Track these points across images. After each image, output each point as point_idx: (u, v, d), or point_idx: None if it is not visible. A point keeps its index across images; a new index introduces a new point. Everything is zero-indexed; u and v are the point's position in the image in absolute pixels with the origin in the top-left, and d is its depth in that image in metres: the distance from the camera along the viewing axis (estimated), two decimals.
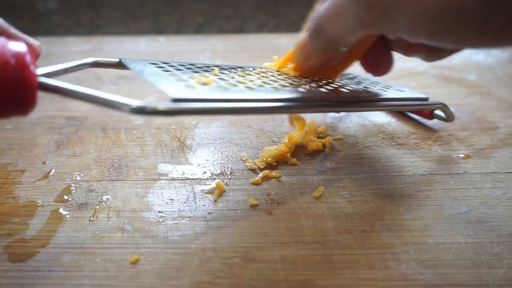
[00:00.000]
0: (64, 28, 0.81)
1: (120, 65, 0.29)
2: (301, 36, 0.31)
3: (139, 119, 0.42)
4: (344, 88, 0.32)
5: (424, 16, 0.23)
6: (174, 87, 0.24)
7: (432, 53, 0.29)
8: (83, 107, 0.44)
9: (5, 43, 0.21)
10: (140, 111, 0.21)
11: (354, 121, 0.42)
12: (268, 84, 0.29)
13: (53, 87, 0.22)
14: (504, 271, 0.25)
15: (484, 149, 0.37)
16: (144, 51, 0.59)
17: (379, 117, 0.42)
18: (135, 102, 0.21)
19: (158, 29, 0.81)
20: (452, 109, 0.42)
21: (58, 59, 0.56)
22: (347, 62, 0.33)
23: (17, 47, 0.21)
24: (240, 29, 0.81)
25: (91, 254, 0.26)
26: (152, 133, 0.40)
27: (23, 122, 0.42)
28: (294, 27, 0.33)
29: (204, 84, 0.26)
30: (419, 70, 0.54)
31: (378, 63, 0.33)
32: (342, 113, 0.43)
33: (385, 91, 0.35)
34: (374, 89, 0.34)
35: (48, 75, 0.24)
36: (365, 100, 0.32)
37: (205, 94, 0.24)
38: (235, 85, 0.27)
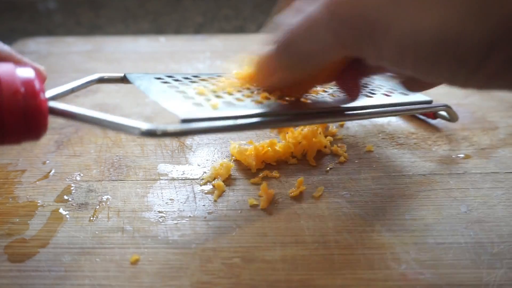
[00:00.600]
0: (64, 28, 0.81)
1: (125, 80, 0.29)
2: (264, 48, 0.25)
3: (139, 119, 0.42)
4: (344, 96, 0.32)
5: (417, 40, 0.19)
6: (182, 106, 0.24)
7: (411, 84, 0.28)
8: (83, 107, 0.44)
9: (13, 70, 0.21)
10: (150, 134, 0.21)
11: (354, 121, 0.42)
12: (260, 100, 0.28)
13: (62, 112, 0.23)
14: (504, 271, 0.25)
15: (484, 149, 0.37)
16: (144, 51, 0.59)
17: (379, 117, 0.42)
18: (144, 126, 0.21)
19: (158, 29, 0.81)
20: (447, 121, 0.41)
21: (58, 59, 0.56)
22: (311, 84, 0.29)
23: (26, 73, 0.21)
24: (240, 29, 0.81)
25: (91, 254, 0.26)
26: None
27: None
28: None
29: (212, 105, 0.25)
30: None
31: (345, 90, 0.30)
32: None
33: (389, 95, 0.34)
34: (378, 93, 0.34)
35: (56, 97, 0.24)
36: (367, 107, 0.32)
37: (214, 112, 0.24)
38: (240, 99, 0.27)
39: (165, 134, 0.22)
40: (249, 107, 0.26)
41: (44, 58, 0.56)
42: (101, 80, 0.29)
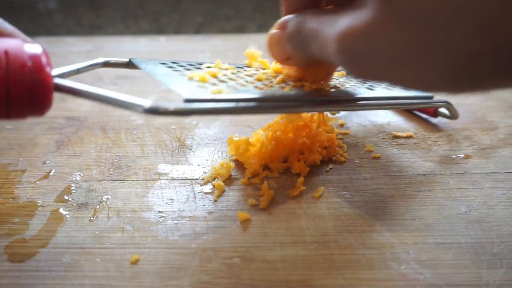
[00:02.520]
0: (64, 28, 0.81)
1: (130, 64, 0.30)
2: (279, 32, 0.27)
3: (139, 119, 0.42)
4: (347, 87, 0.32)
5: (418, 85, 0.22)
6: (186, 87, 0.24)
7: None
8: (83, 107, 0.44)
9: (21, 45, 0.22)
10: (153, 111, 0.22)
11: (353, 121, 0.42)
12: (271, 85, 0.29)
13: (68, 88, 0.23)
14: (504, 271, 0.25)
15: (484, 149, 0.37)
16: (144, 51, 0.59)
17: (379, 117, 0.42)
18: (148, 103, 0.22)
19: (158, 29, 0.81)
20: (447, 119, 0.41)
21: (58, 59, 0.56)
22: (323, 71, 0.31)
23: (33, 49, 0.22)
24: (240, 29, 0.81)
25: (91, 254, 0.26)
26: (152, 133, 0.40)
27: (23, 122, 0.42)
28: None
29: (214, 91, 0.25)
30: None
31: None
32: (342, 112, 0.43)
33: (390, 89, 0.35)
34: (379, 88, 0.34)
35: (62, 75, 0.25)
36: (368, 99, 0.32)
37: (217, 94, 0.24)
38: (243, 85, 0.27)
39: (167, 112, 0.22)
40: (251, 92, 0.26)
41: None
42: (106, 64, 0.29)
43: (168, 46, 0.61)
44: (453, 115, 0.39)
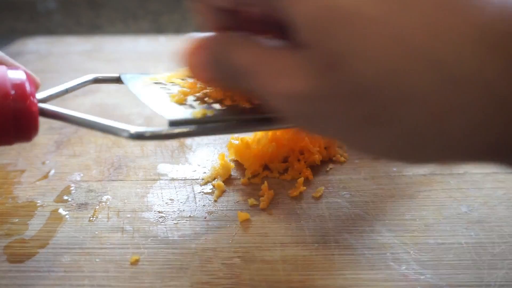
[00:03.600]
0: (64, 28, 0.81)
1: (120, 80, 0.28)
2: (201, 51, 0.22)
3: (139, 119, 0.42)
4: None
5: (371, 153, 0.20)
6: (171, 109, 0.24)
7: None
8: (83, 107, 0.44)
9: (5, 72, 0.21)
10: (139, 137, 0.22)
11: None
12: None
13: (53, 113, 0.23)
14: (505, 272, 0.25)
15: None
16: (144, 51, 0.59)
17: None
18: (133, 129, 0.22)
19: (158, 29, 0.81)
20: None
21: (58, 59, 0.56)
22: None
23: (17, 75, 0.22)
24: None
25: (91, 254, 0.26)
26: None
27: None
28: None
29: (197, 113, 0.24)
30: None
31: None
32: None
33: None
34: None
35: (50, 97, 0.24)
36: None
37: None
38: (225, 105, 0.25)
39: (153, 136, 0.22)
40: (235, 111, 0.25)
41: (44, 58, 0.56)
42: (97, 81, 0.28)
43: (168, 46, 0.61)
44: None
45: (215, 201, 0.31)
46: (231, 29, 0.23)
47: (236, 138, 0.35)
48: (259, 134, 0.35)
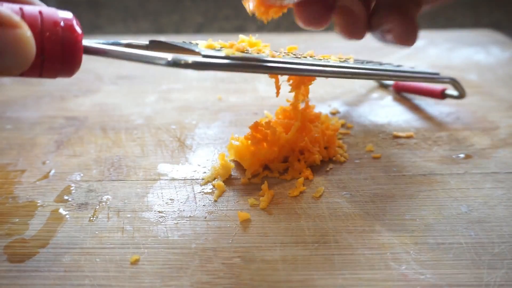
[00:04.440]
0: None
1: (150, 46, 0.32)
2: None
3: (139, 119, 0.42)
4: (356, 63, 0.35)
5: None
6: (203, 49, 0.27)
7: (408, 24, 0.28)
8: (83, 107, 0.44)
9: (54, 9, 0.23)
10: (175, 64, 0.24)
11: (354, 121, 0.42)
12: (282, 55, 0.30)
13: (95, 49, 0.25)
14: (505, 272, 0.25)
15: (485, 149, 0.37)
16: None
17: (379, 117, 0.42)
18: (170, 56, 0.24)
19: (158, 29, 0.81)
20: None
21: None
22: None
23: (65, 14, 0.24)
24: (240, 29, 0.81)
25: (91, 254, 0.26)
26: (152, 133, 0.40)
27: (23, 122, 0.42)
28: (294, 27, 0.32)
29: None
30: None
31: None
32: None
33: (397, 67, 0.36)
34: (388, 66, 0.36)
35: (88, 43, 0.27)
36: (376, 70, 0.34)
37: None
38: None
39: (187, 64, 0.24)
40: (260, 55, 0.28)
41: None
42: (129, 46, 0.31)
43: None
44: (461, 94, 0.39)
45: (215, 201, 0.31)
46: None
47: (236, 139, 0.35)
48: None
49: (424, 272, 0.25)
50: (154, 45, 0.31)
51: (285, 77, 0.34)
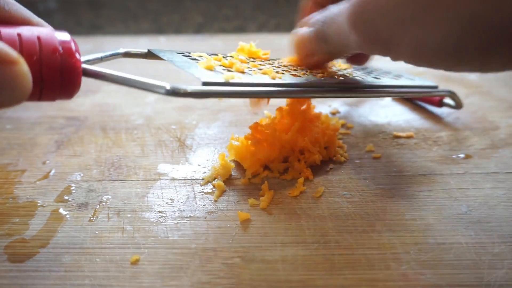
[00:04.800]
0: (64, 28, 0.81)
1: (149, 55, 0.31)
2: (303, 30, 0.30)
3: (139, 119, 0.42)
4: (354, 76, 0.34)
5: (426, 52, 0.23)
6: (202, 72, 0.26)
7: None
8: (83, 107, 0.44)
9: (52, 32, 0.23)
10: (174, 93, 0.23)
11: (354, 121, 0.42)
12: (283, 73, 0.30)
13: (94, 73, 0.25)
14: (505, 272, 0.25)
15: (485, 149, 0.37)
16: None
17: (380, 117, 0.42)
18: (169, 85, 0.23)
19: (158, 29, 0.81)
20: (452, 109, 0.42)
21: None
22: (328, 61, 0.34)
23: (63, 36, 0.23)
24: (240, 29, 0.81)
25: (91, 254, 0.26)
26: (152, 133, 0.40)
27: (23, 122, 0.42)
28: (294, 27, 0.33)
29: (229, 70, 0.28)
30: (420, 70, 0.54)
31: (359, 57, 0.36)
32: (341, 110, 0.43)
33: (395, 79, 0.36)
34: (385, 78, 0.35)
35: (88, 62, 0.26)
36: (374, 87, 0.33)
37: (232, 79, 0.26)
38: (255, 72, 0.29)
39: (186, 94, 0.24)
40: (261, 78, 0.28)
41: None
42: (127, 54, 0.31)
43: (168, 46, 0.61)
44: (458, 105, 0.40)
45: (215, 201, 0.31)
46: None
47: (236, 139, 0.35)
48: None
49: (424, 272, 0.25)
50: (153, 55, 0.31)
51: None
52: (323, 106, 0.45)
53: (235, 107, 0.45)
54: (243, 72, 0.28)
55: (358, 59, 0.36)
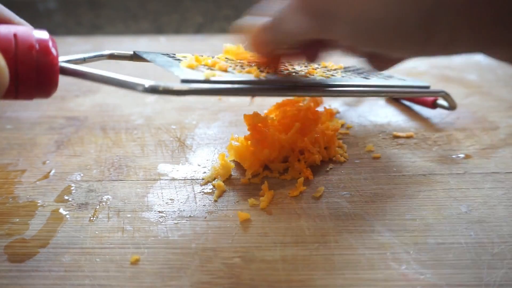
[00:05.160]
0: (64, 28, 0.81)
1: (134, 57, 0.31)
2: (259, 19, 0.29)
3: (139, 119, 0.42)
4: (346, 76, 0.34)
5: (366, 25, 0.22)
6: (182, 71, 0.26)
7: (376, 62, 0.30)
8: (83, 107, 0.44)
9: (30, 30, 0.23)
10: (153, 90, 0.23)
11: (354, 121, 0.42)
12: (268, 72, 0.30)
13: (72, 71, 0.24)
14: (505, 272, 0.25)
15: (485, 149, 0.37)
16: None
17: (379, 117, 0.42)
18: (148, 82, 0.23)
19: (158, 29, 0.81)
20: (446, 110, 0.42)
21: None
22: (287, 57, 0.33)
23: (41, 34, 0.23)
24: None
25: (91, 254, 0.26)
26: (152, 133, 0.40)
27: (23, 122, 0.42)
28: None
29: (211, 68, 0.28)
30: (420, 70, 0.54)
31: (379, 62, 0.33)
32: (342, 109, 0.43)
33: (386, 79, 0.35)
34: (375, 78, 0.35)
35: (68, 62, 0.26)
36: (364, 86, 0.33)
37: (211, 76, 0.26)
38: (239, 71, 0.29)
39: (167, 91, 0.24)
40: (238, 76, 0.28)
41: None
42: (112, 56, 0.31)
43: (168, 46, 0.61)
44: (451, 106, 0.40)
45: (215, 201, 0.31)
46: None
47: (236, 139, 0.35)
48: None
49: (424, 272, 0.25)
50: (138, 57, 0.31)
51: None
52: (323, 106, 0.45)
53: (235, 107, 0.45)
54: (225, 71, 0.28)
55: (378, 64, 0.34)
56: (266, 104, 0.42)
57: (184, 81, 0.25)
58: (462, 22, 0.20)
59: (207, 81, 0.26)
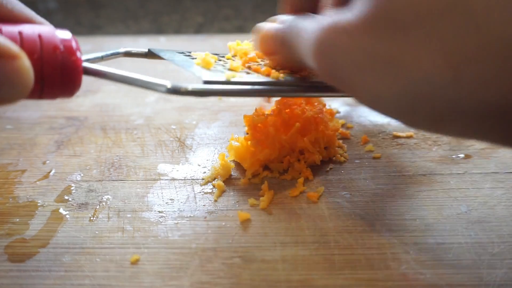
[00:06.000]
0: (64, 28, 0.81)
1: (149, 54, 0.32)
2: (270, 26, 0.28)
3: (139, 119, 0.42)
4: None
5: (381, 102, 0.21)
6: (204, 71, 0.27)
7: None
8: (83, 107, 0.44)
9: (53, 30, 0.23)
10: (175, 91, 0.24)
11: (354, 121, 0.42)
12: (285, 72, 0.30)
13: (95, 71, 0.25)
14: (505, 272, 0.25)
15: (485, 149, 0.37)
16: None
17: (379, 117, 0.42)
18: (169, 84, 0.23)
19: (158, 29, 0.81)
20: None
21: None
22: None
23: (64, 35, 0.23)
24: (240, 29, 0.81)
25: (91, 254, 0.26)
26: (152, 133, 0.40)
27: (23, 122, 0.42)
28: None
29: (231, 69, 0.28)
30: None
31: None
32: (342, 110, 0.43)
33: None
34: None
35: (89, 60, 0.26)
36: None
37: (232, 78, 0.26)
38: (248, 72, 0.29)
39: (187, 92, 0.24)
40: (261, 78, 0.28)
41: None
42: (127, 54, 0.31)
43: (168, 46, 0.61)
44: None
45: (215, 201, 0.31)
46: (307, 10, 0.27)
47: (236, 140, 0.35)
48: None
49: (424, 272, 0.25)
50: (153, 54, 0.31)
51: None
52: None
53: (235, 107, 0.45)
54: (245, 71, 0.29)
55: None
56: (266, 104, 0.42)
57: (206, 82, 0.25)
58: (471, 132, 0.20)
59: (228, 82, 0.26)
